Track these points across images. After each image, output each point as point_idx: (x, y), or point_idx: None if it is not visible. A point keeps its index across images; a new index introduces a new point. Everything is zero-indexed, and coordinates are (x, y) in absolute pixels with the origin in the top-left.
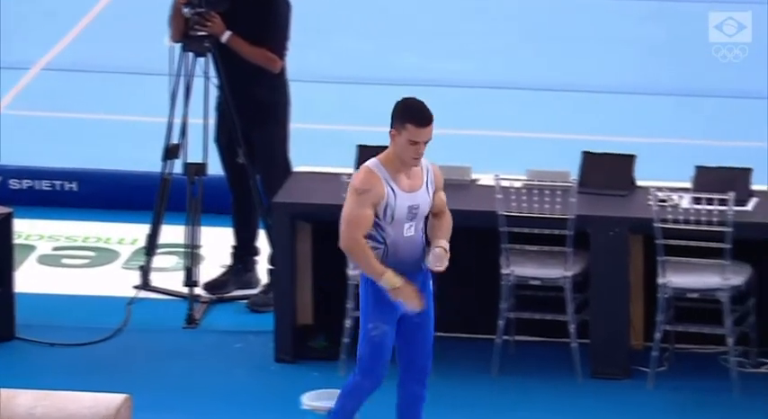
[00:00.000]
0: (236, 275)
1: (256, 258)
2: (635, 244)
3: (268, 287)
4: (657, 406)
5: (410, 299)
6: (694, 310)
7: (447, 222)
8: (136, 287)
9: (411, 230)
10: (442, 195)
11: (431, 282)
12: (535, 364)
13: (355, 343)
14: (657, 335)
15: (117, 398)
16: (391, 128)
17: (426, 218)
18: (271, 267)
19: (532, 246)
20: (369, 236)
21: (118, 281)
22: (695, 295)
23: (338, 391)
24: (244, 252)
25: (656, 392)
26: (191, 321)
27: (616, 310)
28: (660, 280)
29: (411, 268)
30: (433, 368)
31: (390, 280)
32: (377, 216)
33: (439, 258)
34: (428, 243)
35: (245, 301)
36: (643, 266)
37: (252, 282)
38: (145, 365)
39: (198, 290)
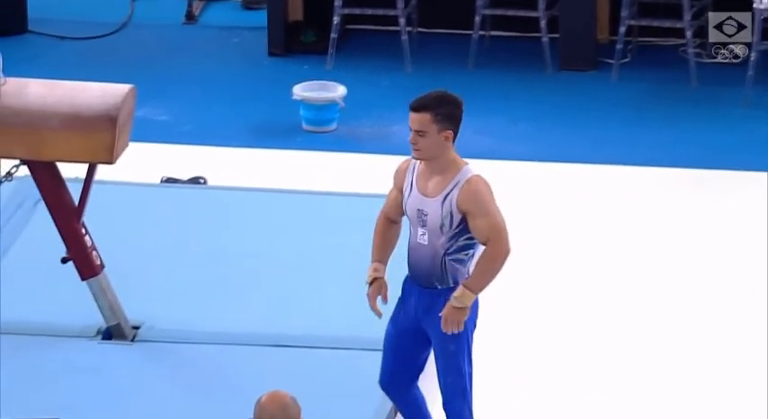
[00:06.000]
0: None
1: None
2: None
3: None
4: (621, 96)
5: (369, 300)
6: (656, 5)
7: (483, 261)
8: None
9: (424, 239)
10: (480, 223)
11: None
12: (509, 58)
13: (341, 38)
14: (622, 29)
15: (123, 88)
16: None
17: (464, 240)
18: None
19: None
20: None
21: None
22: None
23: (326, 83)
24: None
25: (619, 83)
26: (190, 17)
27: (584, 5)
28: None
29: (422, 282)
30: (413, 60)
31: (368, 271)
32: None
33: (445, 317)
34: None
35: None
36: None
37: None
38: (148, 58)
39: None
